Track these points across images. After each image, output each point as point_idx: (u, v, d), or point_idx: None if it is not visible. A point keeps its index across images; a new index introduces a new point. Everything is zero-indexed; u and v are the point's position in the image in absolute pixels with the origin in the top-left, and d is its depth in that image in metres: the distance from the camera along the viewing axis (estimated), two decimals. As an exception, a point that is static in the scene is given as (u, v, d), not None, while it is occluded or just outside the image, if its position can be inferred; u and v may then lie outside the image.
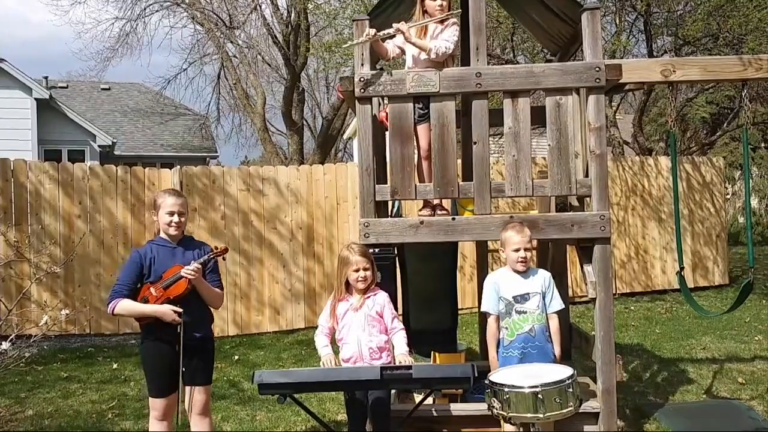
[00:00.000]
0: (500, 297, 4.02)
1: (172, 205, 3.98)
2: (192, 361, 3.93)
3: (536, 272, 4.10)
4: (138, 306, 3.89)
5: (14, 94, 17.48)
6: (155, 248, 4.00)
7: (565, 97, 4.29)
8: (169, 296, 3.86)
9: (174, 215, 3.97)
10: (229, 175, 9.15)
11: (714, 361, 6.91)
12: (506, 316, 3.99)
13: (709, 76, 4.77)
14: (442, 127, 4.32)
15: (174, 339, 3.86)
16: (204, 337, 4.04)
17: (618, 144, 12.99)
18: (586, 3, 4.75)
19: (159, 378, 3.95)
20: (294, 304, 9.19)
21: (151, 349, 3.98)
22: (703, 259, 11.43)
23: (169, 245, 4.01)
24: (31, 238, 8.38)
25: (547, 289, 4.03)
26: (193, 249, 4.06)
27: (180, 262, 3.93)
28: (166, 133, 22.75)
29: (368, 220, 4.35)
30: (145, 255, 3.97)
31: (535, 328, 3.94)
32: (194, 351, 3.94)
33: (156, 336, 3.93)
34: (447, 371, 3.71)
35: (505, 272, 4.12)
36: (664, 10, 12.28)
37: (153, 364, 3.99)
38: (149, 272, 3.93)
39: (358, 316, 3.89)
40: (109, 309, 3.87)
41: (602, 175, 4.28)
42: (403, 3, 4.99)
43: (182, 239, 4.08)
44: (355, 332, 3.87)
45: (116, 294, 3.90)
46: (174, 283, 3.87)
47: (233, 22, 18.46)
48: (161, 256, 3.96)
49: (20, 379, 6.63)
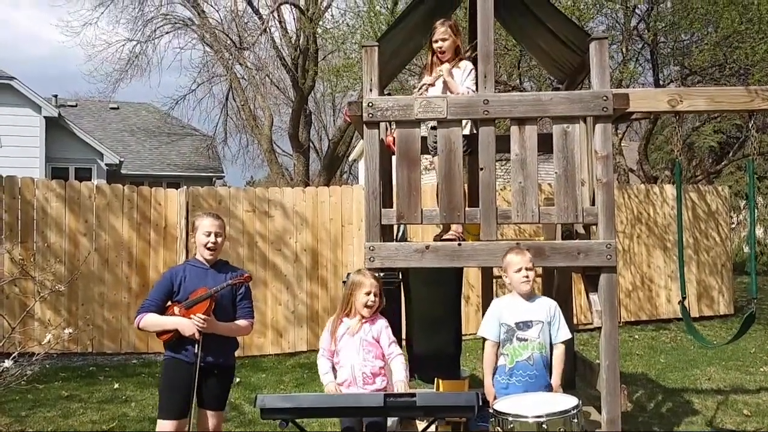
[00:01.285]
0: (502, 323, 3.97)
1: (210, 225, 4.07)
2: (209, 385, 3.96)
3: (541, 299, 4.07)
4: (160, 318, 3.96)
5: (24, 112, 17.64)
6: (188, 268, 4.09)
7: (573, 125, 4.29)
8: (191, 316, 3.90)
9: (210, 235, 4.05)
10: (236, 196, 9.17)
11: (719, 392, 6.85)
12: (507, 342, 3.94)
13: (716, 107, 4.78)
14: (449, 153, 4.33)
15: (192, 359, 3.89)
16: (224, 364, 4.08)
17: (623, 172, 13.01)
18: (594, 32, 4.78)
19: (171, 398, 3.95)
20: (297, 327, 9.16)
21: (171, 366, 4.01)
22: (708, 288, 11.37)
23: (202, 267, 4.09)
24: (36, 255, 8.39)
25: (552, 318, 3.98)
26: (226, 272, 4.11)
27: (210, 284, 3.98)
28: (173, 153, 22.86)
29: (374, 244, 4.34)
30: (176, 274, 4.06)
31: (534, 356, 3.89)
32: (212, 375, 3.97)
33: (176, 354, 3.97)
34: (451, 399, 3.67)
35: (509, 299, 4.09)
36: (671, 40, 12.36)
37: (168, 382, 4.02)
38: (179, 291, 4.01)
39: (353, 340, 3.88)
40: (136, 322, 3.99)
41: (609, 203, 4.27)
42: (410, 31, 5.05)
43: (217, 262, 4.14)
44: (350, 356, 3.87)
45: (144, 309, 4.00)
46: (196, 303, 3.92)
47: (243, 44, 18.62)
48: (192, 277, 4.03)
49: (21, 398, 6.60)
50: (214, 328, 3.93)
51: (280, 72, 21.00)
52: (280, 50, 18.79)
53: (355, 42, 12.95)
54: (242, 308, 4.10)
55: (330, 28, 14.95)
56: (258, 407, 3.38)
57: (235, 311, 4.10)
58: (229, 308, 4.06)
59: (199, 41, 19.73)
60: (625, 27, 12.12)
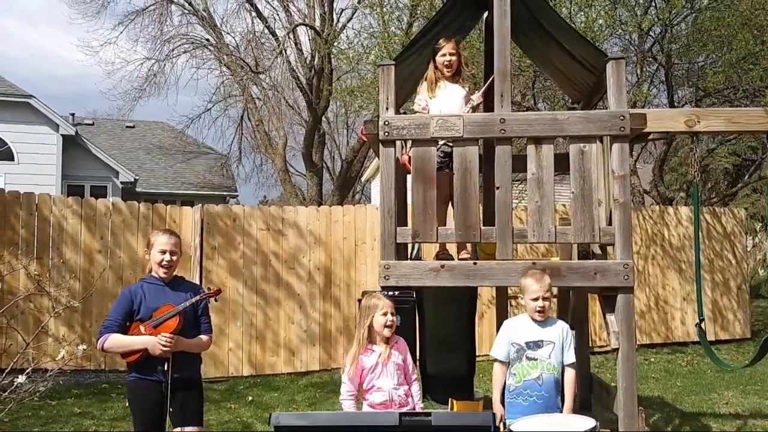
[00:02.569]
0: (512, 342, 3.96)
1: (165, 243, 3.96)
2: (181, 402, 3.87)
3: (555, 322, 4.05)
4: (126, 338, 3.84)
5: (41, 130, 17.87)
6: (146, 286, 3.98)
7: (589, 144, 4.29)
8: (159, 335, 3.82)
9: (165, 254, 3.95)
10: (251, 215, 9.19)
11: (737, 416, 6.74)
12: (516, 361, 3.92)
13: (734, 128, 4.78)
14: (464, 172, 4.33)
15: (161, 377, 3.81)
16: (191, 378, 3.99)
17: (638, 193, 12.95)
18: (611, 53, 4.79)
19: (146, 419, 3.87)
20: (309, 346, 9.12)
21: (138, 386, 3.90)
22: (724, 311, 11.23)
23: (159, 284, 3.98)
24: (52, 271, 8.43)
25: (564, 340, 3.95)
26: (184, 288, 4.04)
27: (172, 301, 3.90)
28: (187, 171, 23.03)
29: (389, 262, 4.33)
30: (135, 293, 3.94)
31: (544, 377, 3.85)
32: (183, 392, 3.88)
33: (143, 374, 3.86)
34: (467, 419, 3.63)
35: (522, 319, 4.08)
36: (685, 62, 12.36)
37: (140, 402, 3.91)
38: (139, 309, 3.89)
39: (389, 367, 3.87)
40: (99, 344, 3.83)
41: (626, 223, 4.25)
42: (425, 51, 5.08)
43: (173, 279, 4.05)
44: (387, 382, 3.86)
45: (106, 330, 3.86)
46: (164, 322, 3.84)
47: (259, 67, 18.81)
48: (152, 294, 3.93)
49: (34, 414, 6.60)
50: (181, 346, 3.86)
51: (295, 92, 21.19)
52: (296, 71, 18.97)
53: (369, 63, 13.04)
54: (204, 323, 4.03)
55: (345, 48, 15.06)
56: (272, 425, 3.35)
57: (198, 326, 4.01)
58: (192, 323, 3.97)
59: (215, 61, 19.96)
60: (639, 49, 12.14)
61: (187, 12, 19.45)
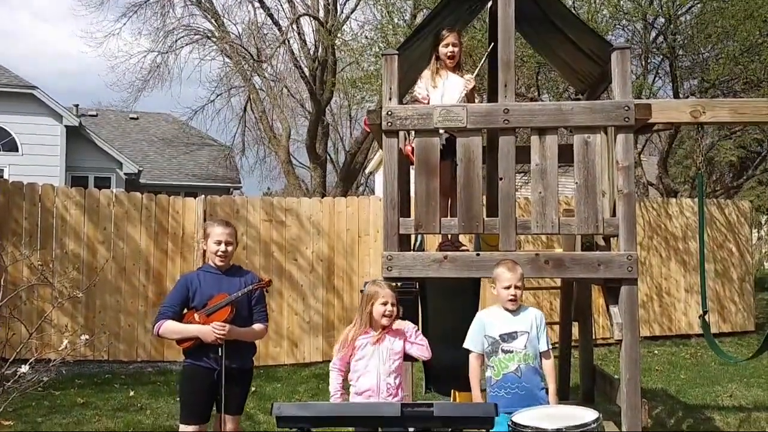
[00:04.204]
0: (486, 335, 3.95)
1: (220, 234, 4.09)
2: (230, 390, 3.96)
3: (527, 310, 4.01)
4: (180, 326, 3.96)
5: (45, 121, 17.86)
6: (202, 275, 4.11)
7: (594, 135, 4.25)
8: (211, 324, 3.90)
9: (221, 244, 4.07)
10: (252, 205, 9.18)
11: (741, 409, 6.73)
12: (492, 354, 3.91)
13: (740, 119, 4.73)
14: (468, 162, 4.30)
15: (214, 365, 3.91)
16: (244, 368, 4.10)
17: (643, 186, 12.90)
18: (615, 43, 4.75)
19: (194, 404, 3.99)
20: (312, 337, 9.13)
21: (192, 372, 4.02)
22: (727, 303, 11.20)
23: (216, 272, 4.09)
24: (54, 262, 8.44)
25: (539, 328, 3.93)
26: (240, 277, 4.13)
27: (226, 290, 4.01)
28: (191, 163, 23.03)
29: (392, 253, 4.32)
30: (191, 280, 4.08)
31: (521, 368, 3.84)
32: (234, 380, 3.98)
33: (197, 360, 3.98)
34: (469, 410, 3.61)
35: (494, 310, 4.06)
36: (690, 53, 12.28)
37: (190, 388, 4.03)
38: (194, 297, 4.01)
39: (379, 349, 3.84)
40: (155, 330, 3.98)
41: (630, 214, 4.22)
42: (427, 40, 5.04)
43: (230, 268, 4.16)
44: (375, 365, 3.83)
45: (162, 316, 3.99)
46: (217, 310, 3.93)
47: (261, 57, 18.75)
48: (207, 283, 4.05)
49: (37, 404, 6.61)
50: (234, 335, 3.94)
51: (298, 84, 21.14)
52: (299, 62, 18.90)
53: (372, 54, 12.98)
54: (258, 312, 4.13)
55: (348, 40, 15.00)
56: (274, 415, 3.34)
57: (252, 316, 4.11)
58: (245, 313, 4.08)
59: (218, 52, 19.91)
60: (644, 40, 12.06)
61: (189, 4, 19.39)
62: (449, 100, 4.74)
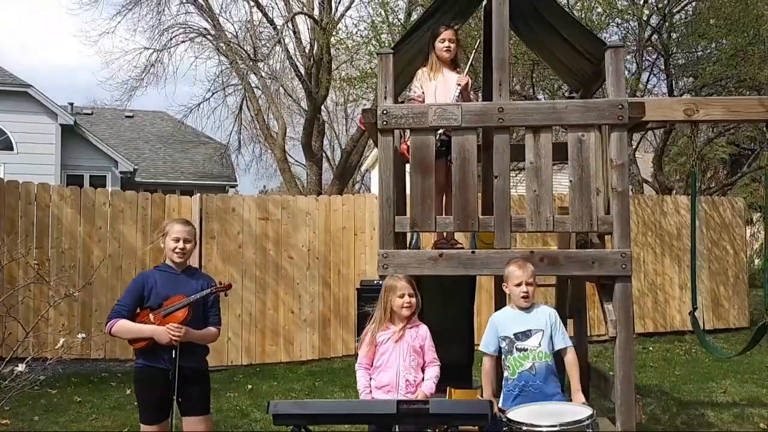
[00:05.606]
0: (501, 336, 3.95)
1: (179, 231, 4.05)
2: (188, 390, 3.91)
3: (540, 308, 4.01)
4: (135, 325, 3.89)
5: (40, 119, 17.81)
6: (158, 274, 4.05)
7: (588, 133, 4.28)
8: (167, 325, 3.84)
9: (180, 242, 4.02)
10: (248, 203, 9.19)
11: (735, 405, 6.77)
12: (508, 353, 3.91)
13: (733, 117, 4.76)
14: (463, 161, 4.32)
15: (168, 366, 3.85)
16: (198, 368, 4.02)
17: (638, 183, 12.95)
18: (610, 41, 4.77)
19: (151, 404, 3.93)
20: (308, 334, 9.14)
21: (145, 374, 3.95)
22: (721, 300, 11.26)
23: (172, 272, 4.04)
24: (50, 261, 8.43)
25: (553, 325, 3.92)
26: (196, 279, 4.08)
27: (182, 291, 3.94)
28: (186, 161, 22.99)
29: (387, 251, 4.33)
30: (147, 280, 4.00)
31: (536, 366, 3.83)
32: (189, 381, 3.91)
33: (150, 361, 3.91)
34: (464, 407, 3.65)
35: (507, 310, 4.07)
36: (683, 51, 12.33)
37: (146, 389, 3.97)
38: (149, 296, 3.94)
39: (400, 345, 3.88)
40: (107, 328, 3.89)
41: (624, 212, 4.24)
42: (423, 38, 5.05)
43: (187, 268, 4.11)
44: (396, 361, 3.86)
45: (115, 314, 3.92)
46: (173, 312, 3.87)
47: (257, 55, 18.71)
48: (163, 283, 3.98)
49: (34, 402, 6.62)
50: (189, 337, 3.89)
51: (294, 82, 21.09)
52: (294, 60, 18.87)
53: (367, 53, 13.00)
54: (213, 315, 4.07)
55: (344, 38, 14.99)
56: (270, 413, 3.37)
57: (206, 318, 4.05)
58: (200, 315, 4.01)
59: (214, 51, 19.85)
60: (639, 38, 12.10)
61: (185, 1, 19.33)
62: (444, 96, 4.75)
